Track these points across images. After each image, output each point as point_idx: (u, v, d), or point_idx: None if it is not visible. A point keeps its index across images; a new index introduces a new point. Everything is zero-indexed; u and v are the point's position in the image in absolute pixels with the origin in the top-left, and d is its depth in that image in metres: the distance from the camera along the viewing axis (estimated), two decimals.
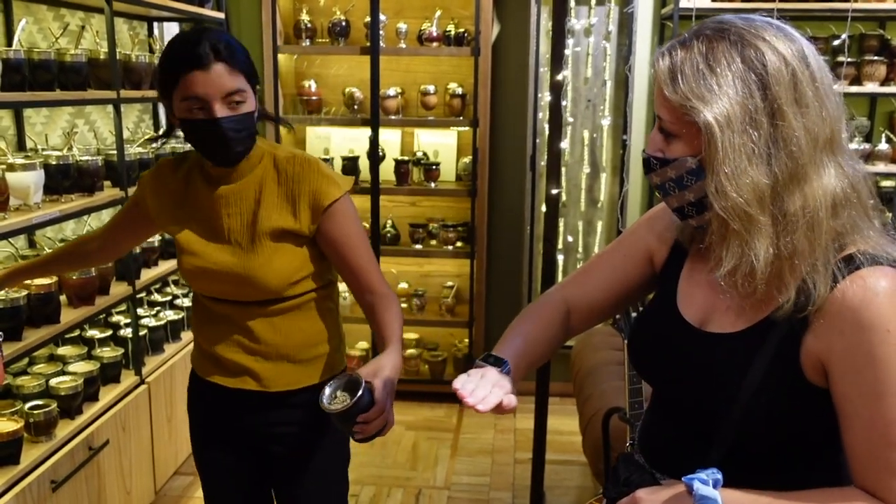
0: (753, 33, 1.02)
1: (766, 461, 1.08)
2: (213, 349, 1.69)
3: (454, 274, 4.16)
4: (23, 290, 2.25)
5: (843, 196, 1.02)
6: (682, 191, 1.08)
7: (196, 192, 1.65)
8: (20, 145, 2.70)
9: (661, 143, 1.09)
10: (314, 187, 1.60)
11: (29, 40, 2.72)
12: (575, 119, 3.82)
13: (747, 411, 1.04)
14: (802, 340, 1.03)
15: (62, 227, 2.95)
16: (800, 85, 1.00)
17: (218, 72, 1.48)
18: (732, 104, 0.99)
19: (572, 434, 3.48)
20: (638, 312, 1.54)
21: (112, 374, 2.71)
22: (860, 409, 0.99)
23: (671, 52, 1.04)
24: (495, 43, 3.82)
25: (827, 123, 1.01)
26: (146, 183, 1.74)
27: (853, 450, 1.01)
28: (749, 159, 0.99)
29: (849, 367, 0.99)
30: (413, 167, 3.88)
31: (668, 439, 1.18)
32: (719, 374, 1.08)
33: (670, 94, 1.03)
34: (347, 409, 1.34)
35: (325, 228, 1.62)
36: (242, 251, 1.61)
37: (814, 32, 3.60)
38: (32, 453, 2.24)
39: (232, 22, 3.91)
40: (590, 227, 3.92)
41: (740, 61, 1.00)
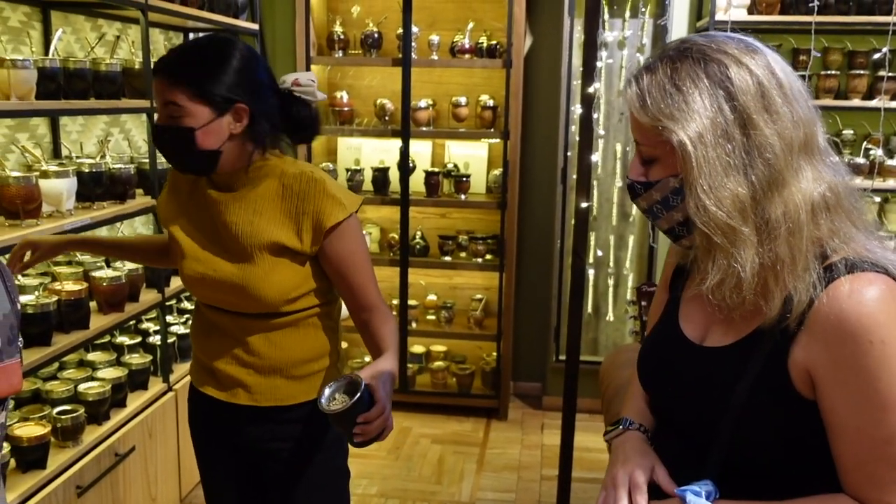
0: (714, 48, 1.04)
1: (762, 472, 1.07)
2: (209, 360, 1.68)
3: (483, 287, 4.13)
4: (53, 296, 2.27)
5: (821, 200, 1.02)
6: (670, 211, 1.09)
7: (201, 197, 1.65)
8: (56, 153, 2.74)
9: (642, 167, 1.10)
10: (318, 207, 1.58)
11: (67, 50, 2.77)
12: (607, 132, 3.78)
13: (739, 423, 1.05)
14: (790, 352, 1.02)
15: (94, 234, 2.99)
16: (767, 93, 1.01)
17: (160, 81, 1.52)
18: (703, 120, 1.00)
19: (601, 451, 3.42)
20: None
21: (140, 380, 2.72)
22: (846, 420, 0.98)
23: (638, 78, 1.06)
24: (528, 55, 3.80)
25: (800, 127, 1.02)
26: (165, 186, 1.77)
27: (841, 460, 1.01)
28: (726, 172, 1.00)
29: (834, 379, 0.98)
30: (443, 179, 3.87)
31: (669, 454, 1.17)
32: (711, 386, 1.09)
33: (641, 118, 1.05)
34: (347, 409, 1.33)
35: (327, 248, 1.60)
36: (239, 261, 1.59)
37: (854, 46, 3.54)
38: (59, 458, 2.25)
39: (266, 33, 3.95)
40: (621, 241, 3.87)
41: (705, 77, 1.02)
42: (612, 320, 3.93)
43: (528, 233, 4.02)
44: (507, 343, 3.89)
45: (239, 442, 1.72)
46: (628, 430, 1.23)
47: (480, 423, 3.87)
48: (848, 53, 3.55)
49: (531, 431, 3.81)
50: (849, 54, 3.55)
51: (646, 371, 1.25)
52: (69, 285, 2.36)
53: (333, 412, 1.35)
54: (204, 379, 1.71)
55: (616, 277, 3.90)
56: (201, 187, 1.65)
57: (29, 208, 2.15)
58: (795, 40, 3.53)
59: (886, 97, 3.38)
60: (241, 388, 1.66)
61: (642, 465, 1.13)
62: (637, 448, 1.18)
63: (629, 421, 1.25)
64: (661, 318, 1.28)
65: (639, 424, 1.24)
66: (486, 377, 3.97)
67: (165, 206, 1.72)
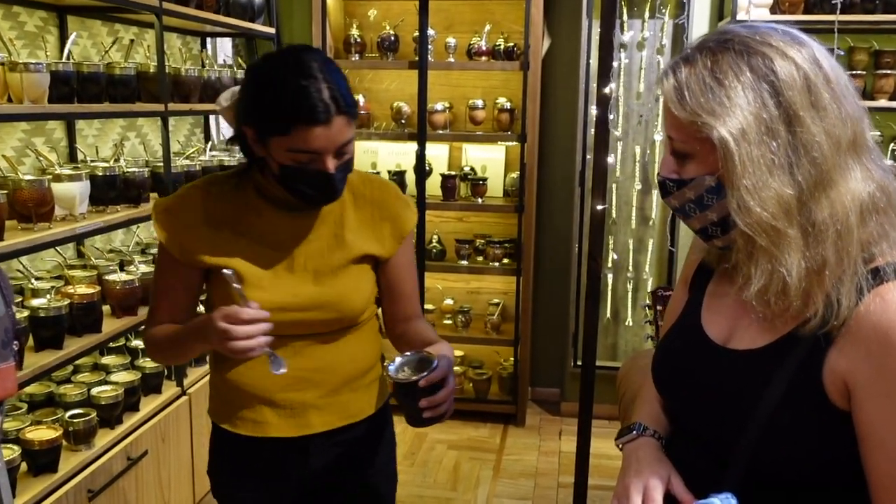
0: (759, 41, 0.98)
1: (785, 485, 1.01)
2: (270, 394, 1.50)
3: (501, 291, 4.09)
4: (65, 300, 2.27)
5: (870, 200, 0.97)
6: (704, 211, 1.04)
7: (259, 219, 1.48)
8: (72, 156, 2.75)
9: (675, 164, 1.05)
10: (395, 212, 1.54)
11: (83, 54, 2.78)
12: (626, 134, 3.73)
13: (765, 430, 0.98)
14: (825, 359, 0.96)
15: (111, 238, 3.00)
16: (814, 87, 0.95)
17: (338, 126, 1.34)
18: (746, 116, 0.95)
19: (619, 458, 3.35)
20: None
21: (153, 384, 2.72)
22: (886, 435, 0.92)
23: (675, 70, 1.01)
24: (545, 57, 3.76)
25: (848, 125, 0.96)
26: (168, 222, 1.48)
27: (875, 476, 0.95)
28: (770, 171, 0.95)
29: (875, 390, 0.92)
30: (460, 182, 3.84)
31: (685, 463, 1.11)
32: (738, 390, 1.03)
33: (679, 113, 0.99)
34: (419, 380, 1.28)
35: (398, 254, 1.56)
36: (324, 278, 1.48)
37: (880, 46, 3.45)
38: (71, 462, 2.25)
39: (283, 37, 3.94)
40: (640, 245, 3.81)
41: (748, 70, 0.96)
42: (632, 325, 3.87)
43: (545, 236, 3.97)
44: (525, 348, 3.84)
45: (302, 478, 1.57)
46: (642, 436, 1.17)
47: (497, 429, 3.83)
48: (874, 53, 3.47)
49: (549, 438, 3.76)
50: (875, 54, 3.47)
51: (662, 373, 1.19)
52: (81, 289, 2.36)
53: (408, 381, 1.29)
54: (257, 422, 1.52)
55: (635, 282, 3.84)
56: (255, 209, 1.48)
57: (41, 212, 2.16)
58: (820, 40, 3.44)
59: None
60: (313, 413, 1.52)
61: (657, 475, 1.07)
62: (651, 456, 1.12)
63: (643, 426, 1.19)
64: (680, 317, 1.22)
65: (653, 430, 1.18)
66: (503, 382, 3.93)
67: (199, 240, 1.46)
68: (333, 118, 1.32)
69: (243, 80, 1.43)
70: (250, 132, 1.40)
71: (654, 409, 1.23)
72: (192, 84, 2.92)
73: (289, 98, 1.32)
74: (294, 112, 1.31)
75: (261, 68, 1.40)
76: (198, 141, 3.65)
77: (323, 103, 1.31)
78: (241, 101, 1.42)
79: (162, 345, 1.51)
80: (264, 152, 1.40)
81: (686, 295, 1.25)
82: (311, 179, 1.38)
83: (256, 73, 1.41)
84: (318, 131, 1.32)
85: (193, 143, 3.55)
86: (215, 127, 3.83)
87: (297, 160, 1.36)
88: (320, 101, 1.31)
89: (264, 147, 1.39)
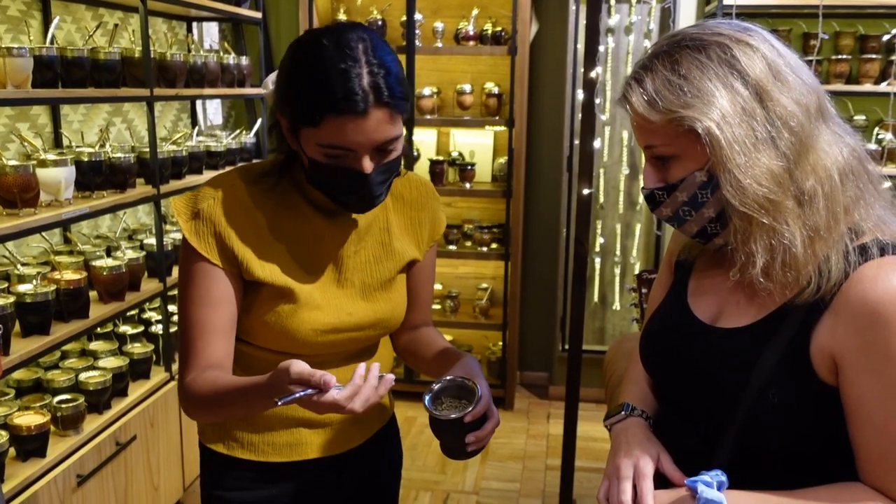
0: (710, 33, 1.02)
1: (773, 461, 1.03)
2: (310, 414, 1.32)
3: (489, 276, 4.11)
4: (52, 286, 2.27)
5: (845, 163, 1.01)
6: (700, 209, 1.05)
7: (303, 225, 1.29)
8: (57, 142, 2.73)
9: (658, 173, 1.07)
10: (433, 215, 1.42)
11: (67, 39, 2.76)
12: (613, 119, 3.74)
13: (754, 406, 1.01)
14: (813, 335, 0.99)
15: (98, 224, 2.99)
16: (773, 64, 1.00)
17: (376, 119, 1.14)
18: (720, 102, 0.98)
19: (606, 441, 3.39)
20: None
21: (142, 369, 2.72)
22: (873, 409, 0.95)
23: (638, 81, 1.03)
24: (533, 42, 3.76)
25: (810, 92, 1.01)
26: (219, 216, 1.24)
27: (863, 450, 0.98)
28: (755, 147, 0.98)
29: (863, 366, 0.95)
30: (448, 167, 3.85)
31: (674, 442, 1.13)
32: (727, 367, 1.05)
33: (654, 117, 1.01)
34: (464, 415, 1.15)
35: (426, 257, 1.44)
36: (373, 293, 1.34)
37: (866, 30, 3.47)
38: (59, 447, 2.25)
39: (270, 22, 3.93)
40: (628, 229, 3.83)
41: (709, 62, 1.00)
42: (619, 309, 3.90)
43: (533, 221, 3.99)
44: (513, 332, 3.86)
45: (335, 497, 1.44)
46: (630, 417, 1.19)
47: None
48: (860, 38, 3.48)
49: (537, 421, 3.79)
50: (861, 38, 3.48)
51: (651, 353, 1.21)
52: (68, 274, 2.36)
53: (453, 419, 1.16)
54: (294, 444, 1.37)
55: (623, 266, 3.86)
56: (297, 215, 1.29)
57: (26, 197, 2.15)
58: (806, 24, 3.47)
59: None
60: (352, 426, 1.40)
61: (648, 454, 1.09)
62: (640, 435, 1.14)
63: (631, 407, 1.20)
64: (666, 299, 1.24)
65: (641, 410, 1.20)
66: (491, 367, 3.95)
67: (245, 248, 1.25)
68: (371, 110, 1.12)
69: (282, 60, 1.23)
70: (284, 121, 1.22)
71: (641, 390, 1.25)
72: (177, 69, 2.90)
73: (321, 83, 1.12)
74: (325, 100, 1.12)
75: (298, 47, 1.19)
76: (184, 126, 3.64)
77: (361, 92, 1.11)
78: (277, 85, 1.23)
79: (209, 403, 1.21)
80: (297, 146, 1.23)
81: (671, 277, 1.26)
82: (342, 180, 1.18)
83: (293, 53, 1.20)
84: (351, 124, 1.12)
85: (180, 129, 3.54)
86: (202, 112, 3.81)
87: (329, 156, 1.17)
88: (358, 90, 1.11)
89: (296, 139, 1.21)
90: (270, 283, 1.25)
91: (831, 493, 0.98)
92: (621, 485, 1.06)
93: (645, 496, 1.04)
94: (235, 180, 1.28)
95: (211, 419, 1.34)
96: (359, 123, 1.13)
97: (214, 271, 1.24)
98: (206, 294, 1.24)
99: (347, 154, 1.16)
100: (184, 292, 1.26)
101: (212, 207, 1.24)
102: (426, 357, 1.41)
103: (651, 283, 2.06)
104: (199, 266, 1.24)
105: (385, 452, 1.52)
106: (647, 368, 1.22)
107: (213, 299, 1.24)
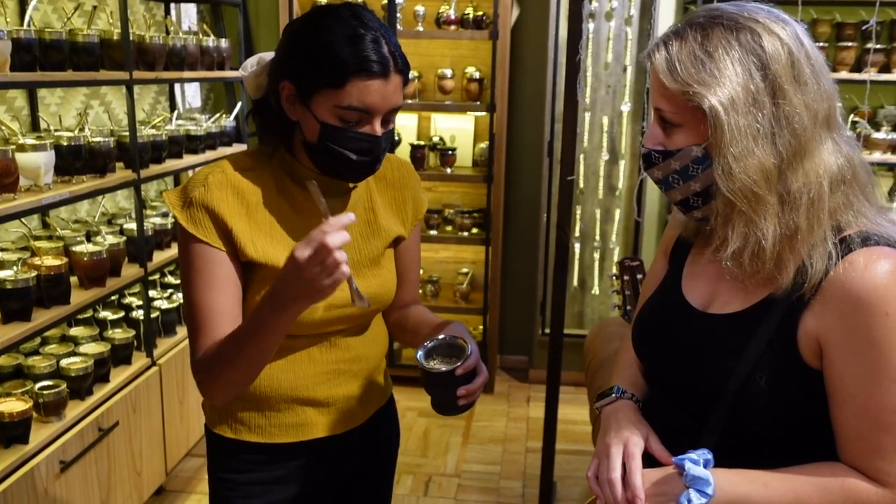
0: (746, 17, 1.04)
1: (758, 442, 1.07)
2: (313, 394, 1.38)
3: (469, 260, 4.13)
4: (32, 272, 2.25)
5: (839, 172, 1.03)
6: (688, 181, 1.08)
7: (291, 208, 1.33)
8: (34, 126, 2.70)
9: (661, 135, 1.09)
10: (415, 194, 1.48)
11: (44, 20, 2.72)
12: (594, 105, 3.76)
13: (742, 390, 1.05)
14: (800, 321, 1.03)
15: (76, 209, 2.96)
16: (797, 63, 1.02)
17: (394, 84, 1.23)
18: (735, 87, 1.00)
19: (585, 423, 3.45)
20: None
21: (123, 355, 2.71)
22: (855, 391, 0.99)
23: (666, 44, 1.05)
24: (514, 27, 3.76)
25: (824, 99, 1.03)
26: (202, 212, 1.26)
27: (843, 430, 1.02)
28: (755, 140, 1.00)
29: (846, 349, 0.99)
30: (429, 152, 3.85)
31: (664, 424, 1.17)
32: (718, 352, 1.09)
33: (671, 84, 1.03)
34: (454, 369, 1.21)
35: (411, 236, 1.49)
36: (364, 270, 1.38)
37: (843, 18, 3.51)
38: (42, 433, 2.24)
39: (249, 4, 3.88)
40: (607, 214, 3.86)
41: (737, 45, 1.02)
42: (598, 294, 3.94)
43: (514, 206, 4.01)
44: (494, 316, 3.89)
45: (339, 477, 1.49)
46: (621, 399, 1.23)
47: None
48: (836, 25, 3.53)
49: (517, 404, 3.83)
50: (837, 26, 3.53)
51: (644, 338, 1.24)
52: (49, 260, 2.34)
53: (445, 371, 1.22)
54: (300, 425, 1.40)
55: (602, 251, 3.90)
56: (291, 197, 1.33)
57: (6, 182, 2.12)
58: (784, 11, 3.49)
59: (874, 69, 3.37)
60: (356, 405, 1.44)
61: (637, 434, 1.12)
62: (630, 417, 1.18)
63: (621, 389, 1.24)
64: (660, 286, 1.27)
65: (631, 394, 1.24)
66: None
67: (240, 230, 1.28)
68: (391, 74, 1.22)
69: (284, 34, 1.29)
70: (288, 89, 1.25)
71: (631, 374, 1.28)
72: (157, 51, 2.87)
73: (348, 46, 1.19)
74: (353, 61, 1.19)
75: (311, 18, 1.25)
76: (163, 109, 3.60)
77: (384, 56, 1.20)
78: (281, 55, 1.28)
79: (223, 358, 1.22)
80: (300, 114, 1.26)
81: (665, 266, 1.30)
82: (356, 143, 1.24)
83: (306, 24, 1.26)
84: (376, 85, 1.20)
85: (158, 112, 3.50)
86: (180, 95, 3.77)
87: (344, 118, 1.22)
88: (381, 54, 1.20)
89: (304, 106, 1.25)
90: (263, 263, 1.28)
91: (812, 470, 1.03)
92: (611, 462, 1.10)
93: (633, 474, 1.07)
94: (223, 167, 1.31)
95: (230, 384, 1.25)
96: (382, 86, 1.21)
97: (216, 254, 1.26)
98: (210, 278, 1.26)
99: (363, 117, 1.23)
100: (188, 279, 1.28)
101: (203, 194, 1.27)
102: (418, 331, 1.45)
103: (632, 269, 2.10)
104: (199, 251, 1.26)
105: (385, 431, 1.56)
106: (638, 351, 1.25)
107: (218, 282, 1.26)
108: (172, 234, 3.10)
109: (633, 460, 1.09)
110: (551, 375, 2.58)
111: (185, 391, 3.06)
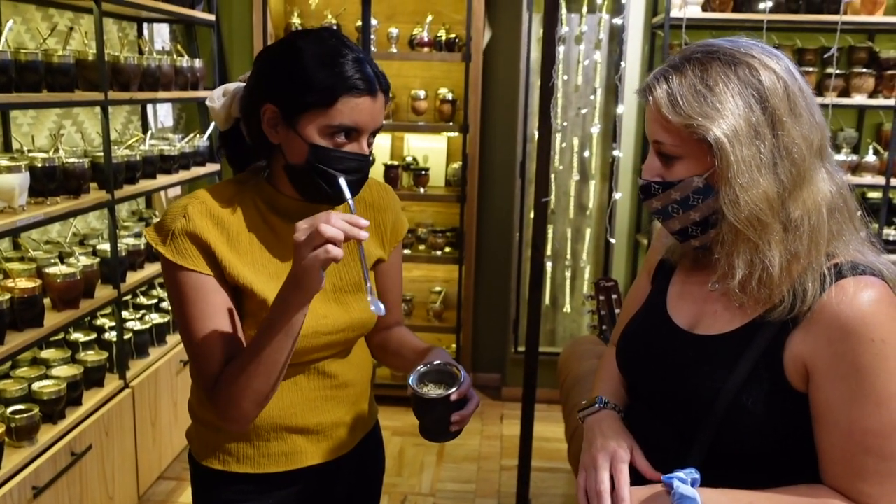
0: (743, 52, 1.08)
1: (743, 462, 1.10)
2: (302, 422, 1.38)
3: (442, 279, 4.15)
4: (6, 294, 2.22)
5: (833, 200, 1.07)
6: (688, 211, 1.11)
7: (271, 234, 1.32)
8: (6, 146, 2.67)
9: (660, 167, 1.12)
10: (395, 217, 1.48)
11: (17, 41, 2.70)
12: (565, 126, 3.82)
13: (729, 410, 1.07)
14: (787, 344, 1.06)
15: (48, 230, 2.93)
16: (792, 96, 1.06)
17: (380, 103, 1.26)
18: (737, 119, 1.04)
19: (559, 441, 3.48)
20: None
21: (96, 378, 2.68)
22: (839, 414, 1.02)
23: (666, 78, 1.08)
24: (486, 49, 3.82)
25: (817, 130, 1.07)
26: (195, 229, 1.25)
27: (827, 453, 1.04)
28: (759, 169, 1.04)
29: (833, 374, 1.02)
30: (402, 172, 3.88)
31: (650, 439, 1.18)
32: (705, 372, 1.11)
33: (673, 117, 1.06)
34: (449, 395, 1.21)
35: (391, 258, 1.50)
36: (345, 296, 1.37)
37: (803, 44, 3.63)
38: (14, 459, 2.21)
39: (223, 25, 3.89)
40: (578, 234, 3.92)
41: (736, 79, 1.05)
42: (570, 312, 3.99)
43: (487, 226, 4.04)
44: (467, 335, 3.92)
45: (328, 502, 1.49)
46: (604, 409, 1.24)
47: None
48: (797, 51, 3.64)
49: (490, 422, 3.85)
50: (798, 52, 3.64)
51: (629, 356, 1.26)
52: (22, 282, 2.31)
53: (440, 397, 1.22)
54: (289, 454, 1.39)
55: (573, 270, 3.95)
56: (268, 223, 1.32)
57: None
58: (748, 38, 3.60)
59: (834, 94, 3.48)
60: (344, 431, 1.45)
61: (623, 447, 1.14)
62: (614, 427, 1.19)
63: (604, 400, 1.26)
64: (644, 306, 1.29)
65: (614, 404, 1.26)
66: None
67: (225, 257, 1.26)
68: (378, 93, 1.25)
69: (261, 59, 1.29)
70: (271, 112, 1.24)
71: (612, 386, 1.30)
72: (131, 72, 2.87)
73: (335, 65, 1.21)
74: (343, 81, 1.21)
75: (292, 42, 1.26)
76: (135, 129, 3.58)
77: (369, 75, 1.24)
78: (261, 79, 1.27)
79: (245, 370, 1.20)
80: (283, 137, 1.25)
81: (649, 285, 1.33)
82: (345, 162, 1.23)
83: (287, 46, 1.26)
84: (365, 102, 1.22)
85: (131, 132, 3.49)
86: (153, 115, 3.76)
87: (332, 135, 1.23)
88: (366, 73, 1.23)
89: (289, 128, 1.24)
90: (249, 291, 1.27)
91: (795, 492, 1.05)
92: (598, 474, 1.11)
93: (622, 487, 1.09)
94: (201, 197, 1.29)
95: (255, 395, 1.21)
96: (370, 103, 1.24)
97: (207, 282, 1.25)
98: (205, 306, 1.24)
99: (351, 136, 1.25)
100: (182, 312, 1.25)
101: (185, 224, 1.25)
102: (399, 353, 1.46)
103: (608, 290, 2.14)
104: (189, 281, 1.24)
105: (372, 455, 1.57)
106: (623, 369, 1.27)
107: (214, 308, 1.25)
108: (146, 255, 3.09)
109: (621, 474, 1.10)
110: (527, 393, 2.61)
111: (158, 414, 3.03)
